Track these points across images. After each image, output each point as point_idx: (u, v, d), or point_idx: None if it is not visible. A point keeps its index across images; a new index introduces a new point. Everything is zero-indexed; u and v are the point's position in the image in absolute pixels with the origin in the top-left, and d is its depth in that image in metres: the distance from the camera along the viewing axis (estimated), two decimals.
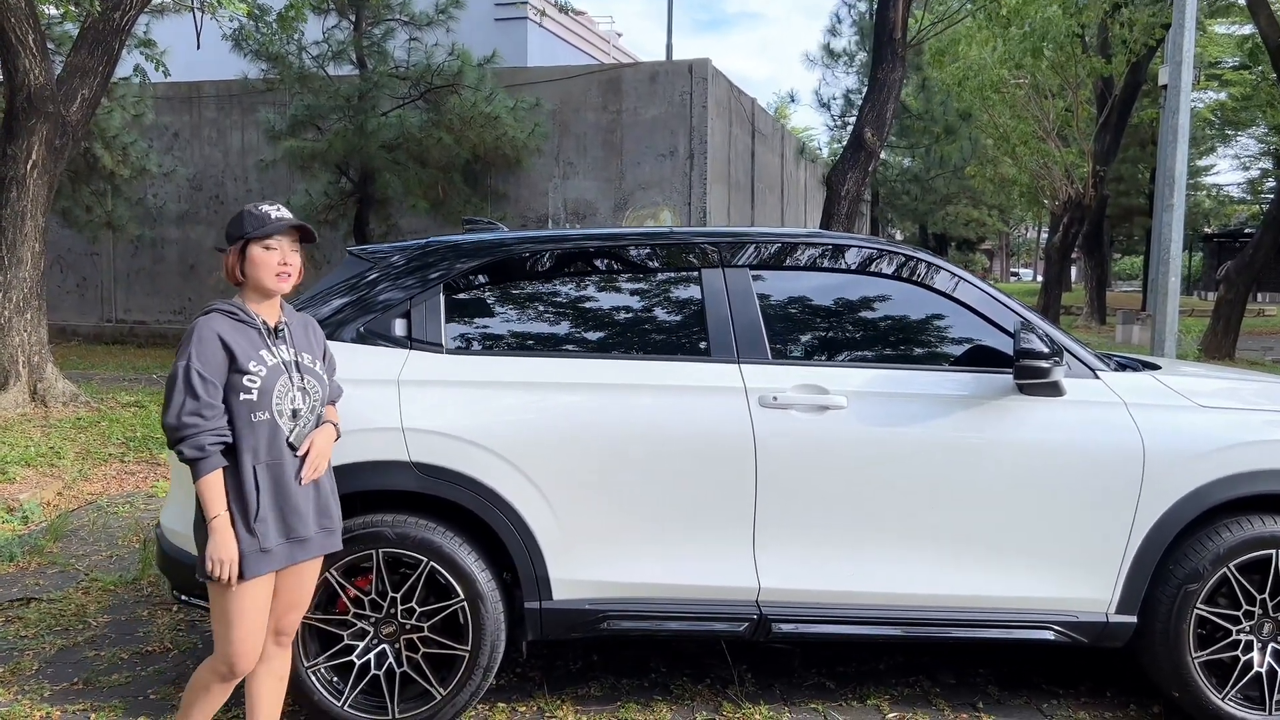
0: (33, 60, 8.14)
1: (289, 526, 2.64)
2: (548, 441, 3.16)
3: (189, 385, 2.46)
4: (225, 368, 2.53)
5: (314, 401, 2.71)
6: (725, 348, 3.27)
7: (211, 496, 2.49)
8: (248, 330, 2.60)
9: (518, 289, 3.42)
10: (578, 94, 14.41)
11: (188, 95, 16.13)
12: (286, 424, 2.63)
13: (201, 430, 2.45)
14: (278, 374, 2.61)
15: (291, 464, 2.63)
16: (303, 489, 2.67)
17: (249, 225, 2.61)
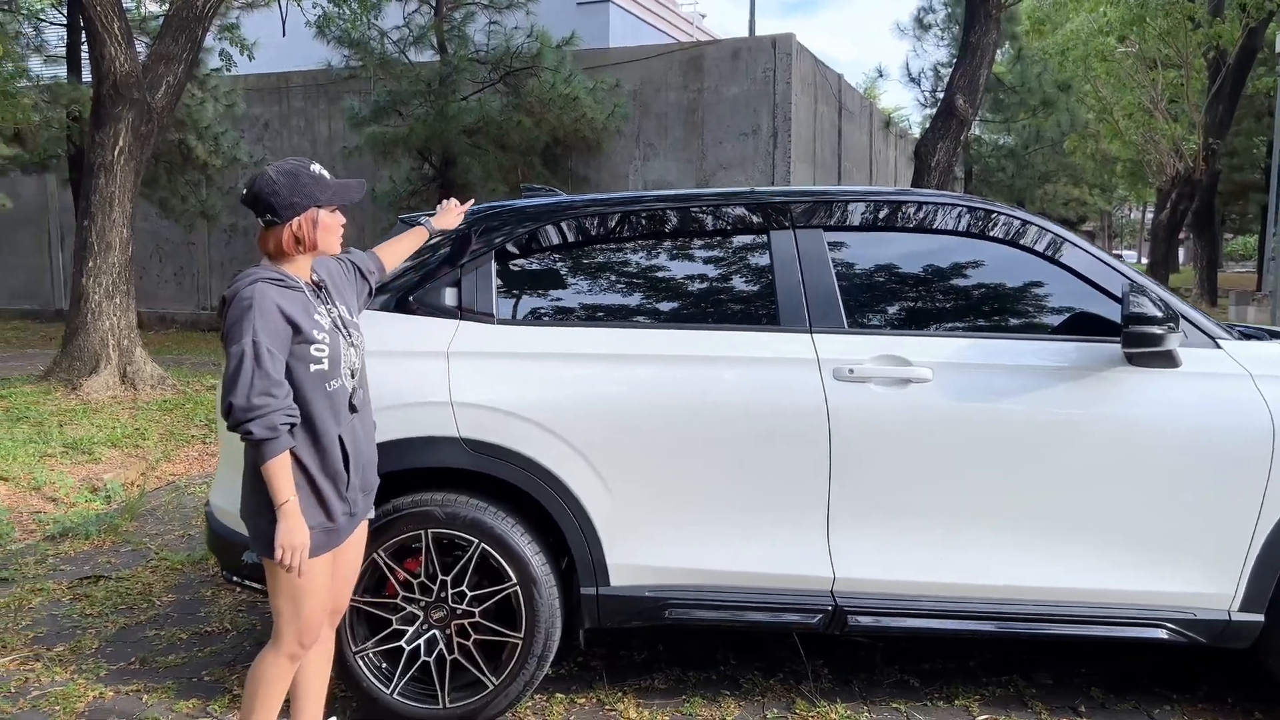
0: (118, 48, 8.26)
1: (366, 482, 2.62)
2: (603, 417, 2.95)
3: (258, 362, 2.28)
4: (289, 339, 2.37)
5: (361, 354, 2.61)
6: (796, 316, 3.01)
7: (282, 480, 2.33)
8: (297, 295, 2.43)
9: (571, 256, 3.21)
10: (658, 74, 14.16)
11: (277, 86, 16.41)
12: (349, 384, 2.52)
13: (272, 409, 2.29)
14: (336, 336, 2.49)
15: (356, 420, 2.55)
16: (369, 439, 2.63)
17: (317, 190, 2.45)
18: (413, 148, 12.93)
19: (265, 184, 2.42)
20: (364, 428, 2.59)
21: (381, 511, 2.98)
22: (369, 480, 2.62)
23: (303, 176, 2.45)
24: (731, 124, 13.81)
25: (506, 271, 3.18)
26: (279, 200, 2.40)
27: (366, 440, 2.60)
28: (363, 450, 2.57)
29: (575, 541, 2.97)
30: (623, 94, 13.34)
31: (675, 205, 3.19)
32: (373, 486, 2.66)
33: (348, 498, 2.49)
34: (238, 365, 2.29)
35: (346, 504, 2.49)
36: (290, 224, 2.42)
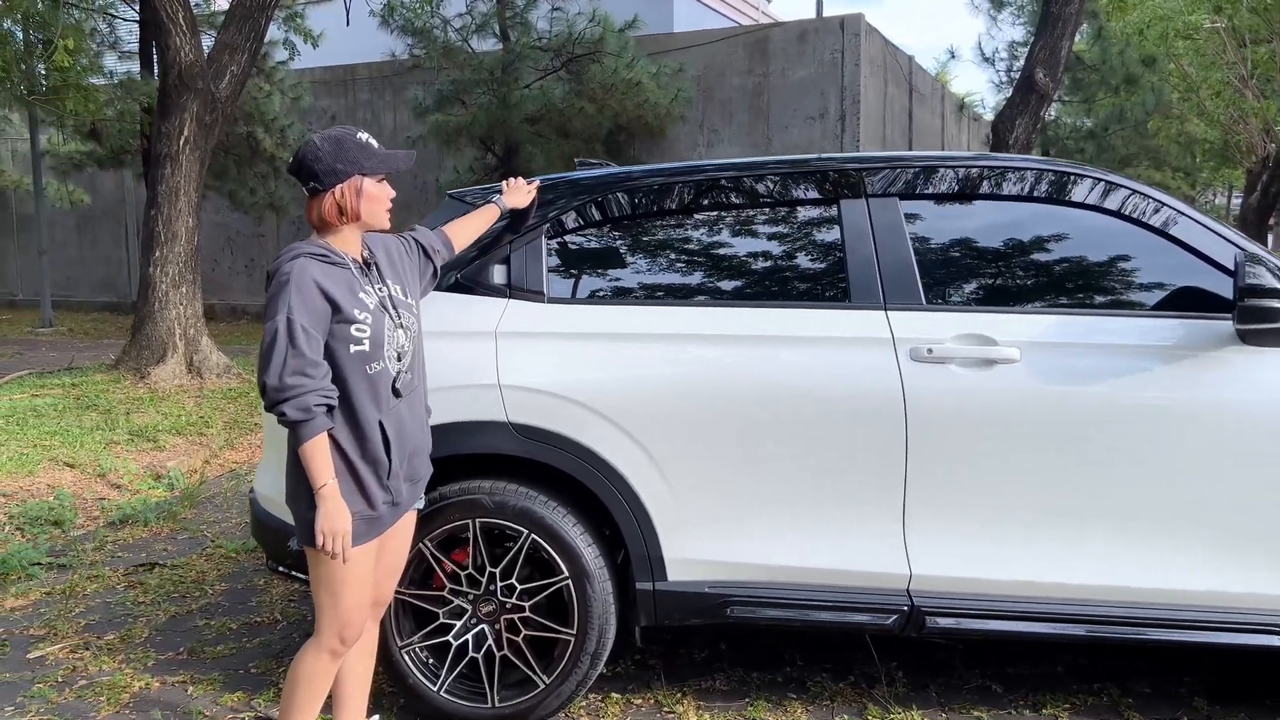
0: (183, 38, 8.30)
1: (413, 470, 2.47)
2: (659, 401, 2.76)
3: (292, 340, 2.16)
4: (328, 318, 2.24)
5: (412, 336, 2.45)
6: (869, 291, 2.78)
7: (319, 463, 2.21)
8: (342, 272, 2.30)
9: (626, 230, 3.02)
10: (722, 58, 13.89)
11: (343, 78, 16.52)
12: (394, 368, 2.37)
13: (307, 390, 2.16)
14: (381, 317, 2.34)
15: (403, 405, 2.40)
16: (418, 425, 2.47)
17: (363, 157, 2.31)
18: (475, 136, 12.87)
19: (309, 150, 2.31)
20: (412, 414, 2.44)
21: (428, 499, 2.83)
22: (416, 469, 2.47)
23: (347, 143, 2.32)
24: (798, 108, 13.48)
25: (558, 247, 3.00)
26: (322, 166, 2.28)
27: (415, 427, 2.45)
28: (410, 437, 2.42)
29: (630, 533, 2.79)
30: (686, 79, 13.11)
31: (737, 174, 2.97)
32: (422, 476, 2.51)
33: (389, 486, 2.34)
34: (271, 343, 2.17)
35: (388, 492, 2.34)
36: (333, 191, 2.29)
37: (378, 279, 2.40)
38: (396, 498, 2.37)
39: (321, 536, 2.21)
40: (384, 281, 2.42)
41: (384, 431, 2.33)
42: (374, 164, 2.34)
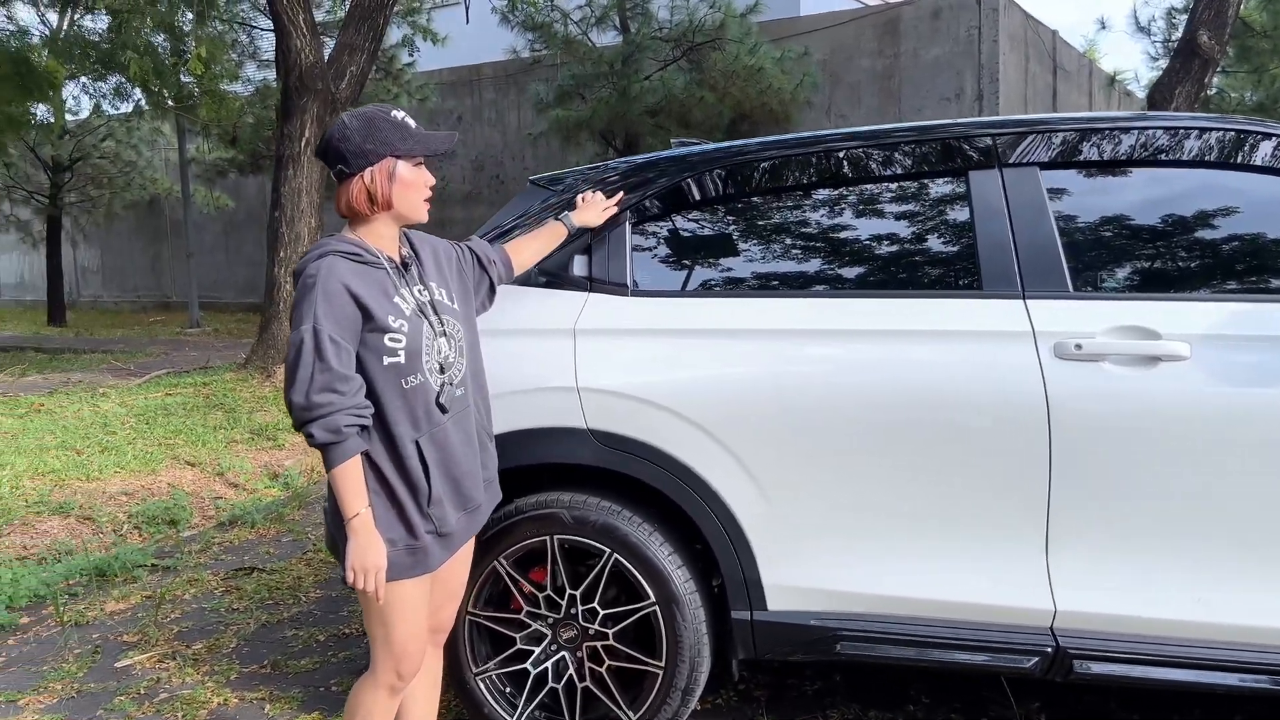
0: (303, 40, 8.39)
1: (464, 498, 2.16)
2: (756, 406, 2.42)
3: (319, 353, 1.92)
4: (358, 326, 1.99)
5: (460, 344, 2.17)
6: (1003, 277, 2.37)
7: (350, 490, 1.97)
8: (375, 273, 2.04)
9: (718, 213, 2.69)
10: (850, 40, 13.32)
11: (468, 78, 16.66)
12: (436, 381, 2.09)
13: (337, 409, 1.92)
14: (419, 323, 2.07)
15: (451, 423, 2.12)
16: (471, 447, 2.18)
17: (396, 138, 2.04)
18: (596, 130, 12.70)
19: (337, 130, 2.05)
20: (461, 433, 2.15)
21: (504, 513, 2.59)
22: (468, 495, 2.17)
23: (379, 122, 2.04)
24: (931, 89, 12.79)
25: (643, 234, 2.70)
26: (350, 147, 2.02)
27: (466, 450, 2.16)
28: (457, 460, 2.13)
29: (724, 556, 2.47)
30: (811, 63, 12.59)
31: (845, 146, 2.60)
32: (477, 504, 2.22)
33: (431, 514, 2.07)
34: (296, 356, 1.93)
35: (431, 521, 2.07)
36: (362, 175, 2.03)
37: (417, 280, 2.14)
38: (442, 527, 2.10)
39: (351, 573, 1.98)
40: (424, 283, 2.15)
41: (421, 454, 2.06)
42: (410, 145, 2.06)
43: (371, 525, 2.00)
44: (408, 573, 2.05)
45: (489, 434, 2.30)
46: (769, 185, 2.63)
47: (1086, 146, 2.42)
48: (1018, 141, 2.44)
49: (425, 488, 2.06)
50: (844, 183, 2.59)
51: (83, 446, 6.28)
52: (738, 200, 2.67)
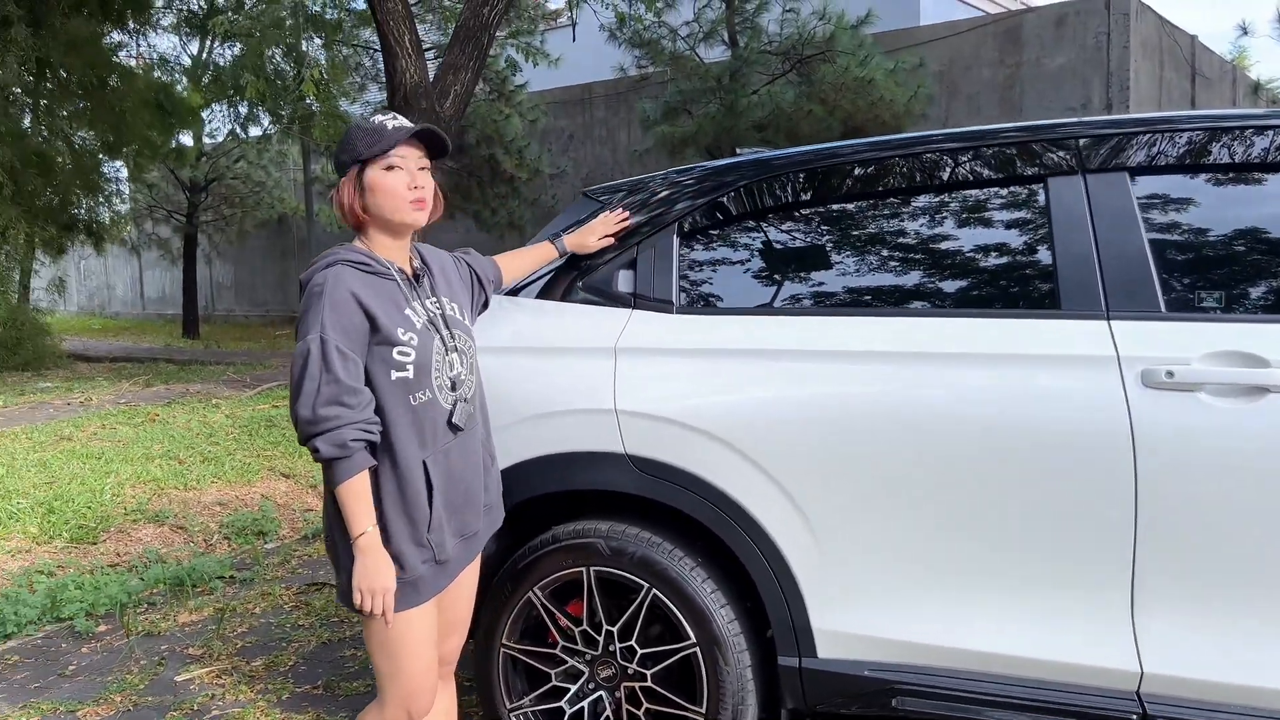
0: (408, 60, 8.54)
1: (463, 523, 2.06)
2: (808, 435, 2.21)
3: (326, 364, 1.84)
4: (366, 337, 1.91)
5: (470, 360, 2.08)
6: (1085, 295, 2.10)
7: (357, 507, 1.88)
8: (384, 284, 1.96)
9: (773, 224, 2.51)
10: (968, 50, 12.83)
11: (580, 97, 16.79)
12: (447, 398, 2.00)
13: (344, 422, 1.84)
14: (430, 338, 1.98)
15: (456, 444, 2.02)
16: (474, 470, 2.08)
17: (361, 144, 1.96)
18: (701, 146, 12.57)
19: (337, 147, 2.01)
20: (467, 456, 2.05)
21: (540, 540, 2.46)
22: (467, 522, 2.07)
23: (354, 131, 1.98)
24: (1055, 99, 12.19)
25: (691, 247, 2.53)
26: (334, 162, 2.01)
27: (469, 472, 2.06)
28: (462, 484, 2.03)
29: (770, 597, 2.27)
30: (927, 74, 12.17)
31: (908, 151, 2.38)
32: (474, 529, 2.11)
33: (430, 542, 1.97)
34: (303, 367, 1.85)
35: (428, 549, 1.96)
36: (338, 189, 1.98)
37: (428, 293, 2.05)
38: (440, 554, 1.99)
39: (359, 594, 1.88)
40: (436, 296, 2.07)
41: (427, 474, 1.96)
42: (372, 147, 1.95)
43: (380, 544, 1.90)
44: (403, 604, 1.94)
45: (492, 456, 2.19)
46: (825, 195, 2.44)
47: (1184, 148, 2.14)
48: (1104, 144, 2.17)
49: (426, 512, 1.95)
50: (909, 191, 2.37)
51: (186, 456, 6.47)
52: (791, 211, 2.48)
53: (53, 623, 3.91)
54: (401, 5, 8.50)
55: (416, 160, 2.01)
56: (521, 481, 2.43)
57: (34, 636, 3.77)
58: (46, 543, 4.76)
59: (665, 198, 2.56)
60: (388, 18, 8.42)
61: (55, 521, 4.96)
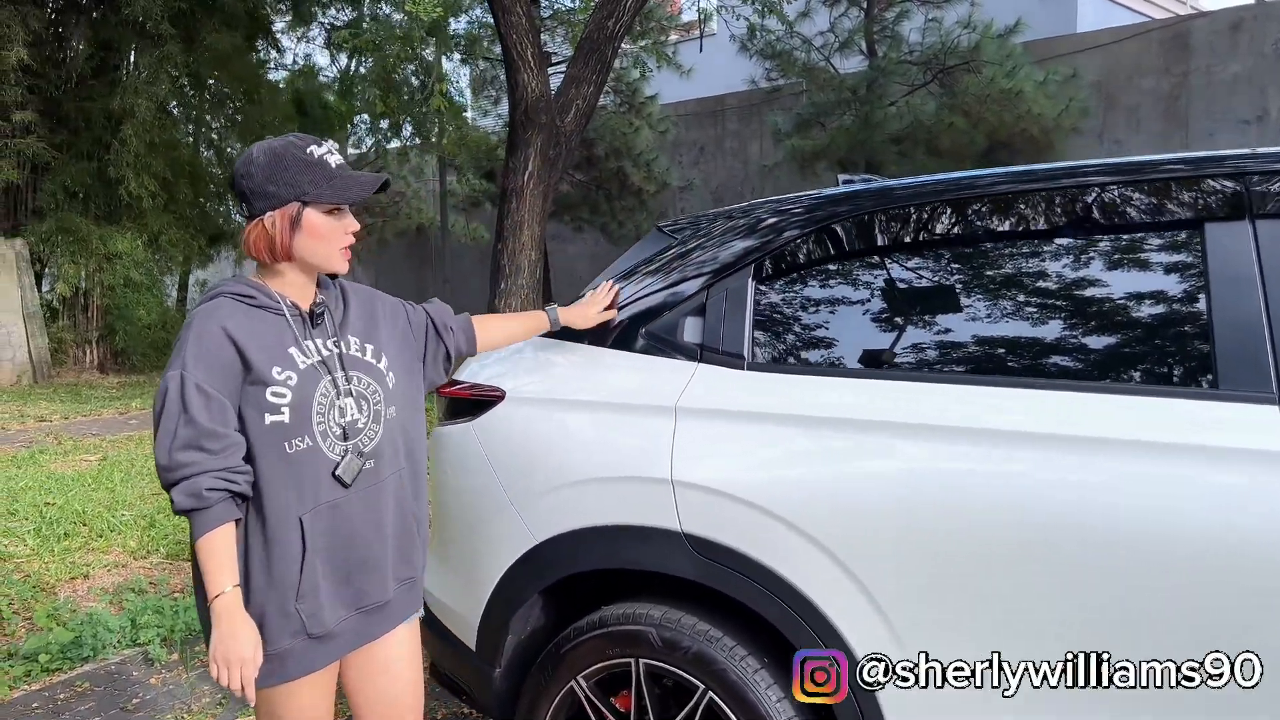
0: (530, 74, 8.45)
1: (359, 593, 1.81)
2: (896, 527, 1.84)
3: (184, 404, 1.65)
4: (238, 376, 1.70)
5: (374, 407, 1.82)
6: (1250, 371, 1.66)
7: (212, 564, 1.67)
8: (270, 319, 1.76)
9: (864, 270, 2.14)
10: (1129, 59, 11.92)
11: (712, 109, 16.51)
12: (334, 447, 1.76)
13: (201, 470, 1.64)
14: (315, 379, 1.75)
15: (351, 500, 1.78)
16: (379, 532, 1.82)
17: (306, 180, 1.73)
18: (833, 160, 12.10)
19: (241, 164, 1.77)
20: (369, 514, 1.81)
21: (586, 623, 2.18)
22: (363, 590, 1.82)
23: (288, 159, 1.73)
24: (1225, 111, 11.18)
25: (770, 292, 2.19)
26: (251, 185, 1.74)
27: (372, 534, 1.81)
28: (354, 546, 1.78)
29: (845, 712, 1.92)
30: (1082, 85, 11.37)
31: (1030, 187, 1.98)
32: (376, 602, 1.85)
33: (299, 611, 1.72)
34: (161, 407, 1.67)
35: (296, 619, 1.72)
36: (263, 219, 1.74)
37: (329, 332, 1.81)
38: (311, 626, 1.74)
39: (214, 665, 1.66)
40: (339, 335, 1.82)
41: (303, 532, 1.72)
42: (322, 190, 1.74)
43: (240, 607, 1.68)
44: (268, 680, 1.72)
45: (418, 521, 1.94)
46: (928, 238, 2.06)
47: None
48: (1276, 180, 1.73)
49: (295, 576, 1.71)
50: (1032, 236, 1.98)
51: None
52: (894, 254, 2.11)
53: (130, 646, 3.86)
54: (525, 19, 8.42)
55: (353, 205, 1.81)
56: (561, 556, 2.16)
57: (110, 660, 3.72)
58: (144, 558, 4.78)
59: (743, 233, 2.24)
60: (511, 31, 8.36)
61: (155, 536, 5.00)
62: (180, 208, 13.81)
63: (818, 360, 2.11)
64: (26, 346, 12.14)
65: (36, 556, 4.53)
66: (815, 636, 1.92)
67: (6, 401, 9.98)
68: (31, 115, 11.61)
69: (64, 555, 4.58)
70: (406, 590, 1.94)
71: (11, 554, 4.51)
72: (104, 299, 12.95)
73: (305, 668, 1.77)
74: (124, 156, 11.85)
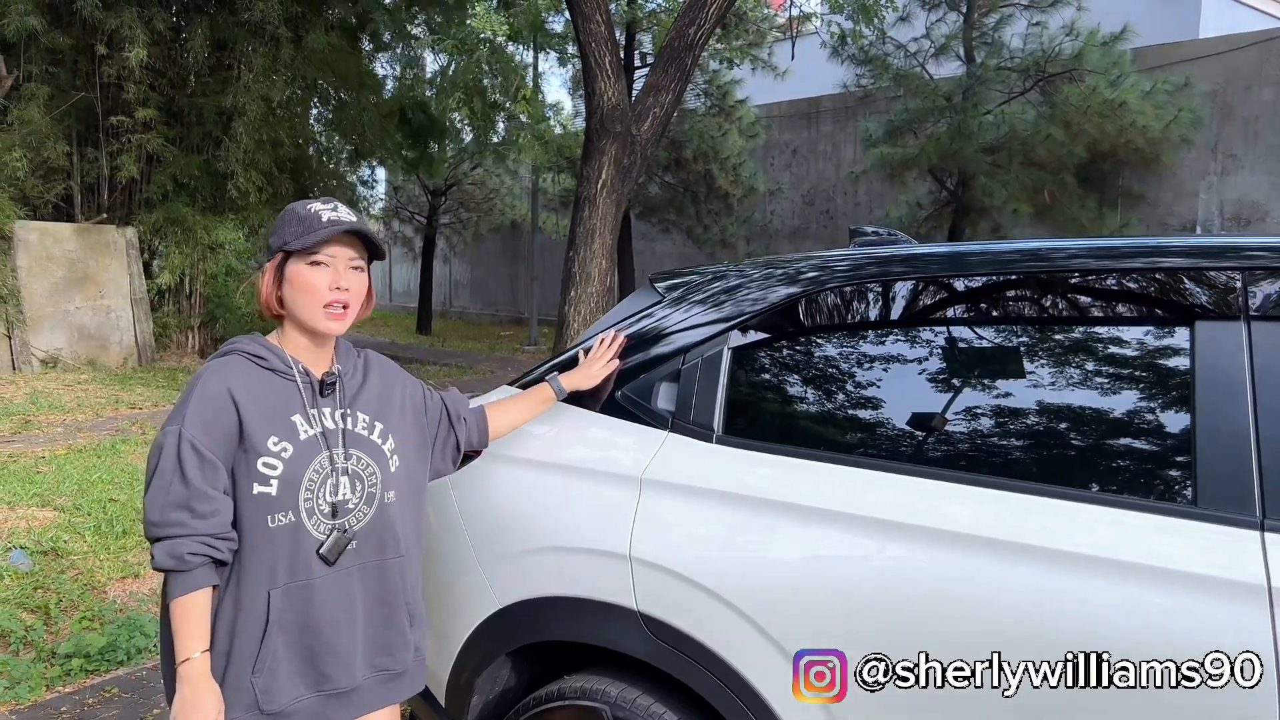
0: (607, 82, 8.41)
1: (320, 675, 1.77)
2: (863, 631, 1.75)
3: (179, 465, 1.65)
4: (234, 440, 1.69)
5: (368, 489, 1.79)
6: (1233, 491, 1.51)
7: (185, 628, 1.66)
8: (279, 383, 1.76)
9: (843, 347, 2.03)
10: (1248, 68, 11.23)
11: (806, 111, 16.25)
12: (319, 525, 1.74)
13: (186, 533, 1.64)
14: (312, 452, 1.74)
15: (327, 582, 1.76)
16: (350, 615, 1.79)
17: (289, 231, 1.75)
18: (924, 169, 11.75)
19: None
20: (341, 598, 1.77)
21: (546, 693, 2.13)
22: (327, 674, 1.77)
23: (287, 215, 1.78)
24: None
25: (746, 362, 2.10)
26: (269, 245, 1.82)
27: (343, 616, 1.77)
28: (320, 629, 1.75)
29: None
30: (1194, 95, 10.78)
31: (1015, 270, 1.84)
32: (341, 687, 1.80)
33: (253, 686, 1.70)
34: (156, 463, 1.66)
35: (249, 693, 1.70)
36: (260, 270, 1.81)
37: (340, 404, 1.79)
38: (264, 703, 1.70)
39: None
40: (348, 408, 1.80)
41: (269, 610, 1.70)
42: (299, 240, 1.73)
43: (207, 674, 1.66)
44: None
45: (411, 614, 1.91)
46: (898, 318, 1.94)
47: None
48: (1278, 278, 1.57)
49: (254, 649, 1.69)
50: (1013, 322, 1.84)
51: None
52: (858, 332, 2.00)
53: None
54: (604, 28, 8.39)
55: (348, 260, 1.78)
56: (525, 623, 2.11)
57: (142, 666, 3.84)
58: None
59: (720, 299, 2.15)
60: (589, 39, 8.33)
61: None
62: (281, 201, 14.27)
63: (789, 437, 2.01)
64: (133, 331, 12.72)
65: (93, 554, 4.71)
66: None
67: (108, 385, 10.46)
68: (153, 112, 12.12)
69: (119, 554, 4.76)
70: (381, 681, 1.88)
71: (69, 550, 4.70)
72: (206, 287, 13.46)
73: None
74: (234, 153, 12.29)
